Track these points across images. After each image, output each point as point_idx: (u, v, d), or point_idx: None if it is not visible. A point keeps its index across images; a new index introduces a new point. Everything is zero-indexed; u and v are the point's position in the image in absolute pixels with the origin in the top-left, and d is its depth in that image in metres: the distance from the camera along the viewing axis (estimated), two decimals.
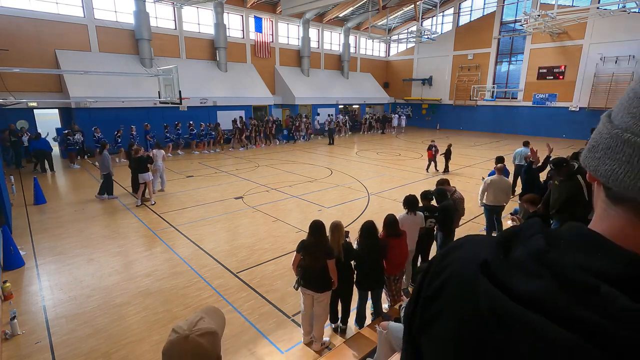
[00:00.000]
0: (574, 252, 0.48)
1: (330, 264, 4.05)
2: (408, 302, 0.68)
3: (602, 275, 0.43)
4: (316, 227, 4.09)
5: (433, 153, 13.35)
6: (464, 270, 0.56)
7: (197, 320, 1.32)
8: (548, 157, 6.90)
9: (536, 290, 0.45)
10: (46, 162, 13.82)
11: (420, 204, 5.42)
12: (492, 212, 6.93)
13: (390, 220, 4.60)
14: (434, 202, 5.58)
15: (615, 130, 0.48)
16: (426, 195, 5.52)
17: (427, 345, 0.58)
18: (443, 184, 5.98)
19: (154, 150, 11.00)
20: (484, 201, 6.94)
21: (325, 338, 4.41)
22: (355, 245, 4.52)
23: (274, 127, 21.70)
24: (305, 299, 4.24)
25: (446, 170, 13.46)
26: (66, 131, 15.08)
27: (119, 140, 15.85)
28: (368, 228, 4.36)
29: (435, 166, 13.73)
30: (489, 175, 7.75)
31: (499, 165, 7.16)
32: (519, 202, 6.78)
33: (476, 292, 0.50)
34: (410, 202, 5.06)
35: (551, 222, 4.86)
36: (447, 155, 13.24)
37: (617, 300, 0.40)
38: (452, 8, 29.28)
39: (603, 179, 0.49)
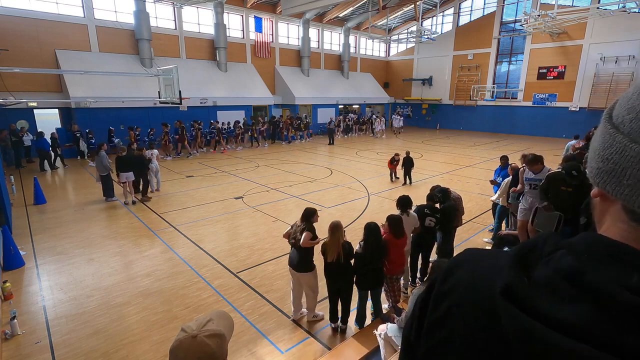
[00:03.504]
0: (607, 269, 0.43)
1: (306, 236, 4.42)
2: (408, 320, 0.64)
3: None
4: (306, 213, 4.57)
5: (392, 164, 12.14)
6: (478, 294, 0.51)
7: (206, 322, 1.34)
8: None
9: (579, 316, 0.40)
10: (46, 161, 13.95)
11: (421, 205, 5.47)
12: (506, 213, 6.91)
13: (397, 220, 4.63)
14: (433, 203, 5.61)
15: None
16: (431, 197, 5.60)
17: None
18: (436, 188, 6.01)
19: (152, 150, 11.02)
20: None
21: (319, 312, 4.77)
22: (357, 246, 4.52)
23: (267, 129, 21.18)
24: (291, 276, 4.70)
25: (409, 181, 11.93)
26: (77, 133, 15.19)
27: (147, 139, 16.11)
28: (372, 229, 4.37)
29: (394, 176, 12.49)
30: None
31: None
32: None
33: (499, 320, 0.45)
34: (403, 203, 5.08)
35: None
36: (407, 165, 11.79)
37: None
38: (452, 8, 29.28)
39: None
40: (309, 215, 4.55)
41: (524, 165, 5.85)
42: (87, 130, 15.69)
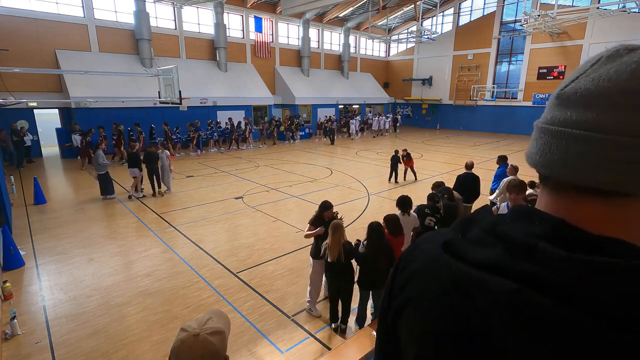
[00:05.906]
0: (518, 224, 0.56)
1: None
2: (383, 296, 0.74)
3: (539, 237, 0.50)
4: (320, 205, 4.92)
5: (410, 161, 12.30)
6: (428, 254, 0.62)
7: (206, 320, 1.35)
8: None
9: (490, 256, 0.52)
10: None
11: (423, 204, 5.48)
12: None
13: (393, 220, 4.62)
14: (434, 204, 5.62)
15: (535, 121, 0.60)
16: (432, 197, 5.62)
17: (403, 332, 0.62)
18: (439, 186, 6.00)
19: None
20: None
21: (310, 308, 4.90)
22: (360, 245, 4.51)
23: (267, 128, 21.31)
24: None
25: (396, 179, 12.15)
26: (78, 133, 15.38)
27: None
28: (375, 228, 4.35)
29: (412, 175, 12.55)
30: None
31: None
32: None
33: (440, 269, 0.56)
34: (403, 203, 5.07)
35: None
36: (393, 163, 11.94)
37: (554, 252, 0.47)
38: (452, 8, 29.28)
39: (528, 161, 0.59)
40: (321, 209, 4.83)
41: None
42: (128, 128, 15.88)
